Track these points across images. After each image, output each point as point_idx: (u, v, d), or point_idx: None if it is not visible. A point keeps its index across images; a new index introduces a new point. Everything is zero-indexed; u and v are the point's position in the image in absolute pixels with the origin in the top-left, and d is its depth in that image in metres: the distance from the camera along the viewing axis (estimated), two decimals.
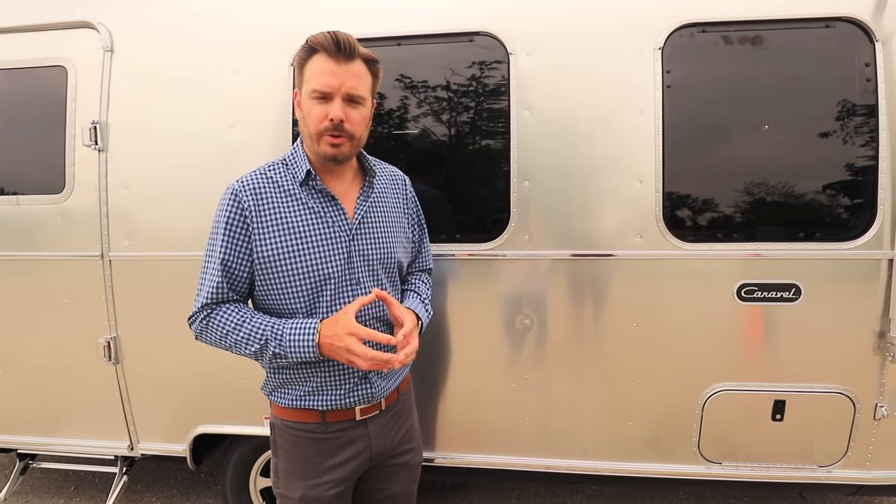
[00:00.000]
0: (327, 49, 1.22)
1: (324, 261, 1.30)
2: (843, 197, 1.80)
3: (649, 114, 1.84)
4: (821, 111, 1.79)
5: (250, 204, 1.28)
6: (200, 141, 2.05)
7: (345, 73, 1.23)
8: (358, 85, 1.25)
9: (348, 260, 1.33)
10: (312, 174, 1.30)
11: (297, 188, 1.31)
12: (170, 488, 2.96)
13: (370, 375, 1.38)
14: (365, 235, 1.36)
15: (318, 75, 1.23)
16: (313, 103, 1.25)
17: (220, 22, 2.05)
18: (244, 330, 1.27)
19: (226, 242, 1.28)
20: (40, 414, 2.33)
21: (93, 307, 2.17)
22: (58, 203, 2.14)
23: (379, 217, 1.41)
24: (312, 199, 1.32)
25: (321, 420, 1.36)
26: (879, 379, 1.85)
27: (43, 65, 2.14)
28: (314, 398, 1.35)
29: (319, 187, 1.32)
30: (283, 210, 1.29)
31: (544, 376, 1.99)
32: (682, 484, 2.10)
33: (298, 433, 1.37)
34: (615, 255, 1.89)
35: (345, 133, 1.26)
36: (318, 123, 1.25)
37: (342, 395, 1.35)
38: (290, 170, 1.34)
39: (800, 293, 1.82)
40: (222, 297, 1.29)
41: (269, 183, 1.31)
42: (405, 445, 1.51)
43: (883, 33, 1.75)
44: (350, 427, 1.38)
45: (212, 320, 1.29)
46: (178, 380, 2.18)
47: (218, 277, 1.28)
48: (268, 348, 1.25)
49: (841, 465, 1.93)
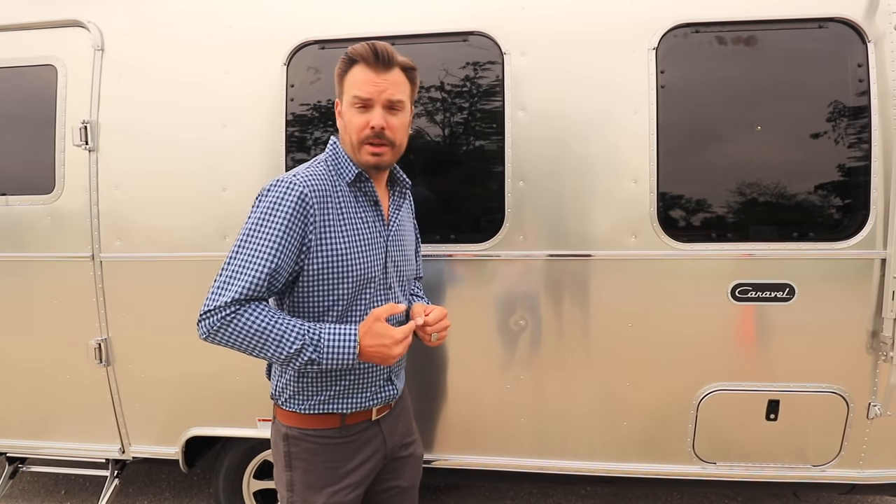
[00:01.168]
0: (366, 59, 1.24)
1: (370, 263, 1.31)
2: (835, 197, 1.81)
3: (644, 114, 1.84)
4: (814, 111, 1.79)
5: (314, 204, 1.23)
6: (193, 141, 2.03)
7: (384, 82, 1.25)
8: (397, 92, 1.28)
9: (384, 266, 1.36)
10: (364, 176, 1.32)
11: (345, 189, 1.31)
12: (162, 492, 2.94)
13: (393, 377, 1.41)
14: (396, 242, 1.40)
15: (358, 84, 1.25)
16: (354, 112, 1.27)
17: (213, 21, 2.03)
18: (276, 331, 1.18)
19: (280, 242, 1.20)
20: (30, 417, 2.30)
21: (83, 309, 2.14)
22: (48, 203, 2.12)
23: (404, 225, 1.46)
24: (359, 203, 1.33)
25: (341, 424, 1.34)
26: (872, 378, 1.86)
27: (32, 63, 2.12)
28: (338, 402, 1.33)
29: (371, 191, 1.34)
30: (343, 211, 1.29)
31: (539, 377, 1.99)
32: (676, 484, 2.10)
33: (319, 440, 1.34)
34: (610, 256, 1.88)
35: (386, 141, 1.28)
36: (359, 132, 1.27)
37: (367, 398, 1.36)
38: (337, 170, 1.33)
39: (793, 293, 1.82)
40: (258, 294, 1.21)
41: (329, 184, 1.29)
42: (408, 438, 1.53)
43: (875, 34, 1.76)
44: (366, 428, 1.38)
45: (239, 317, 1.18)
46: (170, 382, 2.16)
47: (261, 275, 1.18)
48: (303, 353, 1.19)
49: (834, 464, 1.94)
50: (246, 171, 2.02)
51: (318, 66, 1.98)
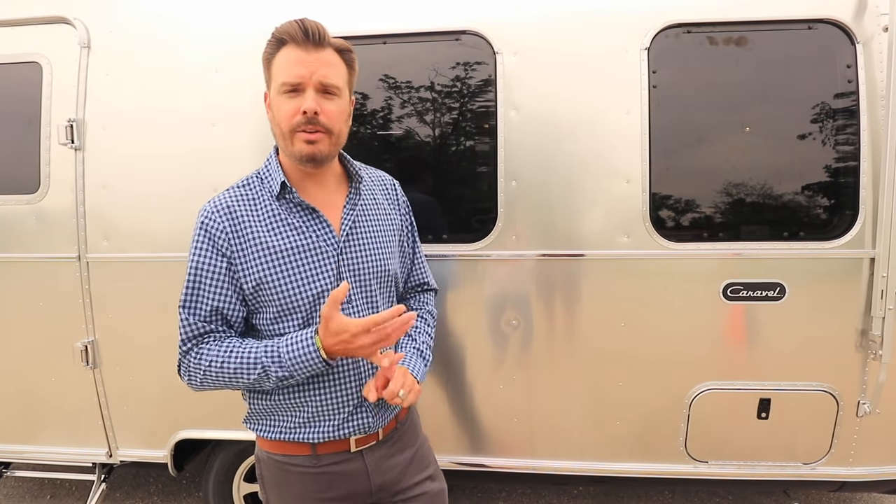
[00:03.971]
0: (295, 38, 1.12)
1: (312, 281, 1.19)
2: (825, 197, 1.82)
3: (636, 114, 1.84)
4: (803, 112, 1.81)
5: (224, 229, 1.16)
6: (181, 139, 2.00)
7: (316, 61, 1.12)
8: (331, 73, 1.14)
9: (338, 277, 1.21)
10: (287, 186, 1.19)
11: (273, 203, 1.20)
12: (150, 495, 2.90)
13: (366, 403, 1.25)
14: (354, 249, 1.25)
15: (286, 66, 1.13)
16: (283, 98, 1.14)
17: (201, 19, 2.01)
18: (235, 361, 1.14)
19: (205, 275, 1.16)
20: (15, 420, 2.26)
21: (69, 310, 2.11)
22: (32, 203, 2.08)
23: (369, 227, 1.29)
24: (291, 215, 1.21)
25: (312, 453, 1.25)
26: (861, 376, 1.87)
27: (16, 61, 2.08)
28: (305, 430, 1.23)
29: (297, 200, 1.20)
30: (261, 231, 1.18)
31: (532, 377, 1.98)
32: (668, 483, 2.11)
33: (288, 467, 1.26)
34: (602, 255, 1.88)
35: (321, 127, 1.14)
36: (289, 118, 1.13)
37: (336, 426, 1.23)
38: (265, 184, 1.22)
39: (784, 292, 1.84)
40: (212, 328, 1.18)
41: (244, 201, 1.20)
42: (416, 476, 1.36)
43: (863, 35, 1.78)
44: (344, 460, 1.26)
45: (199, 362, 1.16)
46: (159, 384, 2.13)
47: (203, 314, 1.17)
48: (269, 374, 1.13)
49: (824, 461, 1.95)
50: (235, 171, 1.97)
51: None
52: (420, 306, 1.49)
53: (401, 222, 1.41)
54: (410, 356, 1.34)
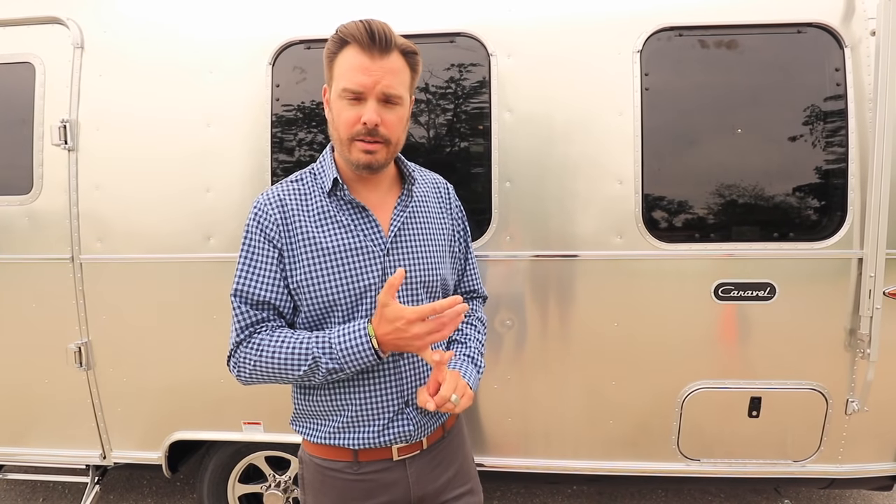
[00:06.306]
0: (360, 41, 1.08)
1: (355, 280, 1.17)
2: (814, 198, 1.85)
3: (628, 115, 1.86)
4: (793, 115, 1.83)
5: (276, 220, 1.16)
6: (176, 140, 2.00)
7: (380, 70, 1.09)
8: (395, 83, 1.11)
9: (382, 277, 1.18)
10: (339, 183, 1.17)
11: (324, 200, 1.19)
12: (144, 497, 2.89)
13: (407, 410, 1.22)
14: (401, 251, 1.21)
15: (349, 72, 1.09)
16: (344, 104, 1.11)
17: (196, 19, 2.01)
18: (285, 352, 1.12)
19: (258, 264, 1.16)
20: (7, 423, 2.25)
21: (63, 312, 2.10)
22: (25, 204, 2.07)
23: (419, 230, 1.26)
24: (341, 212, 1.19)
25: (353, 459, 1.22)
26: (850, 375, 1.90)
27: (9, 61, 2.07)
28: (346, 435, 1.21)
29: (348, 197, 1.18)
30: (310, 226, 1.17)
31: (526, 377, 2.00)
32: (661, 481, 2.12)
33: (328, 472, 1.24)
34: (595, 256, 1.90)
35: (380, 138, 1.12)
36: (349, 127, 1.11)
37: (376, 432, 1.20)
38: (317, 180, 1.21)
39: (774, 292, 1.86)
40: (266, 318, 1.17)
41: (295, 195, 1.19)
42: (457, 490, 1.32)
43: (852, 39, 1.80)
44: (386, 469, 1.23)
45: (250, 354, 1.15)
46: (153, 385, 2.13)
47: (255, 304, 1.16)
48: (319, 365, 1.11)
49: (814, 459, 1.98)
50: (230, 172, 1.99)
51: (303, 67, 1.97)
52: (470, 313, 1.45)
53: (452, 227, 1.38)
54: (462, 362, 1.31)
